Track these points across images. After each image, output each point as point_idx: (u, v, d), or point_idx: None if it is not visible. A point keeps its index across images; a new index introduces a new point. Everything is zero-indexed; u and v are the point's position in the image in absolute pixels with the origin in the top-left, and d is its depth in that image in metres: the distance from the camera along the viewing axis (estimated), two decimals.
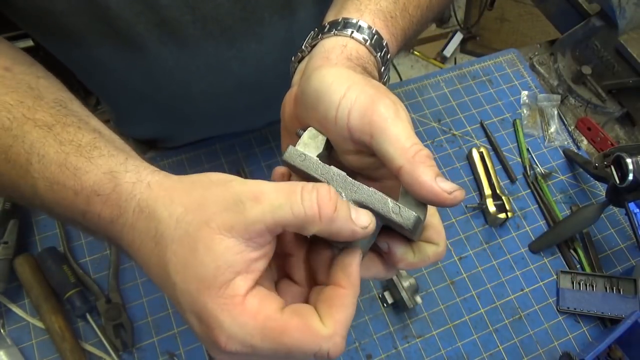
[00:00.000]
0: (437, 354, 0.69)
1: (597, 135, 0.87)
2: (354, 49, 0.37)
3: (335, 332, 0.28)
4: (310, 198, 0.27)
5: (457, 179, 0.81)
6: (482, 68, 0.93)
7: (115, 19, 0.45)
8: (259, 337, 0.27)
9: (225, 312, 0.27)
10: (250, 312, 0.27)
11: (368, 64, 0.37)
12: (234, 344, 0.27)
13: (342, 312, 0.29)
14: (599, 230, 0.80)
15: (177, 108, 0.64)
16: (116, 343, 0.63)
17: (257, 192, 0.27)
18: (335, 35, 0.37)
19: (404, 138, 0.30)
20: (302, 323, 0.27)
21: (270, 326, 0.27)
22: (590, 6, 0.91)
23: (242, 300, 0.27)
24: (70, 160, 0.32)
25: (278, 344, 0.27)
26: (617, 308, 0.72)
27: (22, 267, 0.65)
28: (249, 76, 0.59)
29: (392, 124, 0.31)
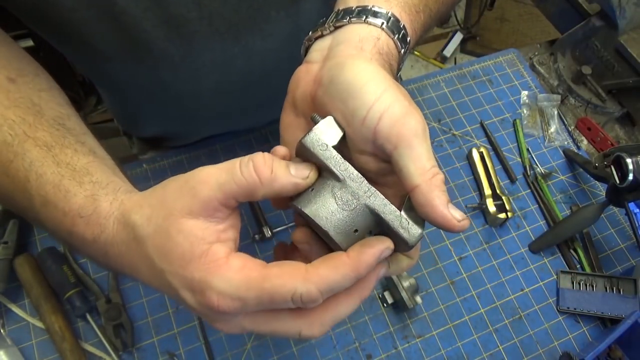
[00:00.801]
0: (437, 354, 0.69)
1: (597, 135, 0.87)
2: (385, 44, 0.37)
3: (312, 280, 0.29)
4: (248, 168, 0.30)
5: (457, 179, 0.81)
6: (482, 68, 0.93)
7: (122, 15, 0.45)
8: (245, 288, 0.29)
9: (211, 273, 0.29)
10: (234, 268, 0.30)
11: (394, 61, 0.38)
12: (225, 300, 0.29)
13: (329, 271, 0.30)
14: (599, 230, 0.80)
15: (182, 105, 0.64)
16: (116, 343, 0.63)
17: (203, 175, 0.31)
18: (367, 23, 0.37)
19: (425, 158, 0.31)
20: (280, 269, 0.30)
21: (252, 276, 0.29)
22: (590, 6, 0.91)
23: (225, 261, 0.30)
24: (64, 183, 0.35)
25: (261, 290, 0.29)
26: (617, 308, 0.72)
27: (22, 267, 0.65)
28: (255, 72, 0.59)
29: (418, 142, 0.32)
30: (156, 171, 0.76)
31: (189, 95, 0.60)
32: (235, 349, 0.66)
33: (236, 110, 0.68)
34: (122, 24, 0.46)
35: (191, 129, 0.74)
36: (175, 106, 0.64)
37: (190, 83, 0.58)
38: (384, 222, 0.31)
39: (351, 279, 0.30)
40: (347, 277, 0.30)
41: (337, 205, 0.31)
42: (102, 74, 0.59)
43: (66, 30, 0.46)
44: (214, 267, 0.30)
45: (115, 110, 0.78)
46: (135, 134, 0.83)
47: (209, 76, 0.57)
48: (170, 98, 0.61)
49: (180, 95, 0.60)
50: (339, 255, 0.30)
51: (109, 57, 0.51)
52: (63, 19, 0.44)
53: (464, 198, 0.80)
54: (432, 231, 0.77)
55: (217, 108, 0.66)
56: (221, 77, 0.58)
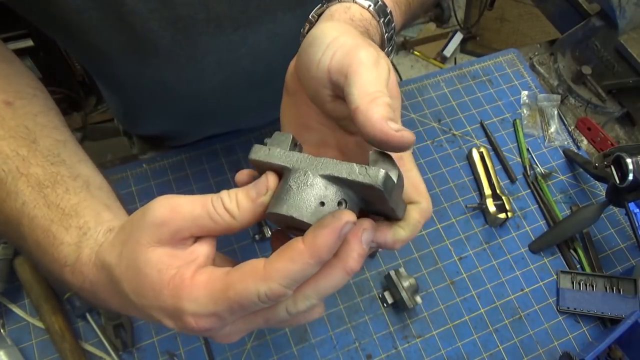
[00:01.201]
0: (437, 354, 0.69)
1: (597, 135, 0.87)
2: (357, 11, 0.38)
3: (271, 277, 0.27)
4: (219, 205, 0.30)
5: (457, 179, 0.81)
6: (482, 68, 0.93)
7: (130, 15, 0.45)
8: (213, 303, 0.28)
9: (180, 297, 0.29)
10: (199, 286, 0.29)
11: (371, 27, 0.38)
12: (201, 320, 0.29)
13: (286, 263, 0.27)
14: (599, 230, 0.80)
15: (186, 105, 0.64)
16: (116, 343, 0.63)
17: (173, 205, 0.30)
18: (339, 1, 0.39)
19: (371, 84, 0.30)
20: (240, 273, 0.28)
21: (216, 289, 0.28)
22: (590, 6, 0.91)
23: (190, 281, 0.29)
24: (52, 229, 0.36)
25: (227, 300, 0.28)
26: (617, 308, 0.72)
27: (22, 267, 0.65)
28: (259, 73, 0.59)
29: (366, 70, 0.31)
30: (156, 171, 0.76)
31: (193, 95, 0.61)
32: (235, 349, 0.66)
33: (239, 110, 0.68)
34: (129, 24, 0.46)
35: (193, 128, 0.74)
36: (179, 106, 0.64)
37: (194, 83, 0.58)
38: (343, 181, 0.29)
39: (312, 265, 0.27)
40: (307, 265, 0.27)
41: (295, 190, 0.30)
42: (106, 73, 0.59)
43: (72, 30, 0.46)
44: (180, 290, 0.29)
45: (117, 109, 0.78)
46: (135, 133, 0.83)
47: (213, 77, 0.57)
48: (174, 98, 0.61)
49: (184, 96, 0.61)
50: (294, 244, 0.28)
51: (114, 57, 0.51)
52: (70, 19, 0.44)
53: (464, 198, 0.80)
54: (432, 231, 0.77)
55: (220, 108, 0.66)
56: (226, 77, 0.58)
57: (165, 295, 0.29)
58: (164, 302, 0.29)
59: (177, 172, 0.76)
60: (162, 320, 0.31)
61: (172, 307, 0.29)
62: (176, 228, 0.30)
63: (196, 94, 0.60)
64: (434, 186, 0.80)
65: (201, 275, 0.29)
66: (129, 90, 0.62)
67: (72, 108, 1.74)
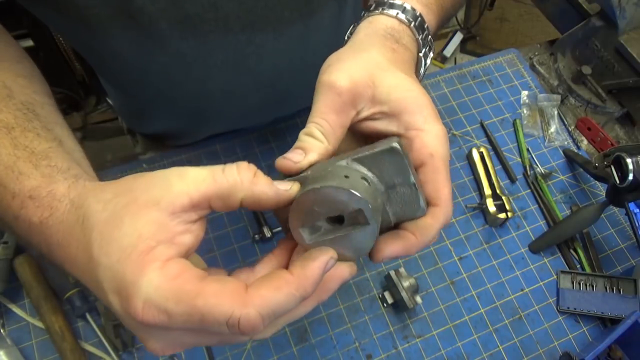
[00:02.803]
0: (437, 354, 0.69)
1: (597, 135, 0.87)
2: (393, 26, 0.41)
3: (252, 303, 0.26)
4: (231, 169, 0.30)
5: (457, 179, 0.81)
6: (482, 68, 0.93)
7: (139, 12, 0.45)
8: (174, 300, 0.26)
9: (143, 275, 0.26)
10: (167, 276, 0.26)
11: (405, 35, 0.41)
12: (150, 310, 0.26)
13: (271, 291, 0.27)
14: (599, 230, 0.80)
15: (192, 104, 0.64)
16: (116, 343, 0.63)
17: (182, 170, 0.29)
18: (383, 14, 0.41)
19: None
20: (219, 287, 0.26)
21: (185, 289, 0.26)
22: (590, 6, 0.90)
23: (161, 265, 0.27)
24: (18, 165, 0.33)
25: (192, 307, 0.25)
26: (617, 308, 0.72)
27: (22, 267, 0.65)
28: (265, 73, 0.59)
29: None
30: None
31: (199, 93, 0.61)
32: (235, 349, 0.66)
33: (244, 110, 0.68)
34: (137, 22, 0.46)
35: (198, 127, 0.74)
36: (185, 104, 0.65)
37: (201, 81, 0.58)
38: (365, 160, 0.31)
39: (296, 298, 0.27)
40: (291, 297, 0.27)
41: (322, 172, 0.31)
42: (112, 70, 0.59)
43: (81, 27, 0.46)
44: (147, 269, 0.26)
45: (122, 107, 0.78)
46: (140, 131, 0.83)
47: (220, 75, 0.57)
48: (180, 96, 0.62)
49: (190, 93, 0.61)
50: (281, 273, 0.28)
51: (122, 54, 0.51)
52: (79, 15, 0.44)
53: (464, 198, 0.80)
54: None
55: (225, 107, 0.66)
56: (232, 76, 0.58)
57: (130, 262, 0.26)
58: (123, 270, 0.26)
59: None
60: (108, 292, 0.27)
61: (128, 279, 0.26)
62: (178, 192, 0.28)
63: (202, 92, 0.60)
64: None
65: (174, 264, 0.27)
66: (135, 88, 0.63)
67: (72, 108, 1.74)
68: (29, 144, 0.34)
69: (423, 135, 0.34)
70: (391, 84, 0.36)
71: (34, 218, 0.32)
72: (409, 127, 0.35)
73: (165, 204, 0.28)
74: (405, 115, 0.35)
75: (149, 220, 0.27)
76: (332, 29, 0.60)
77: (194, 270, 0.27)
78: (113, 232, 0.27)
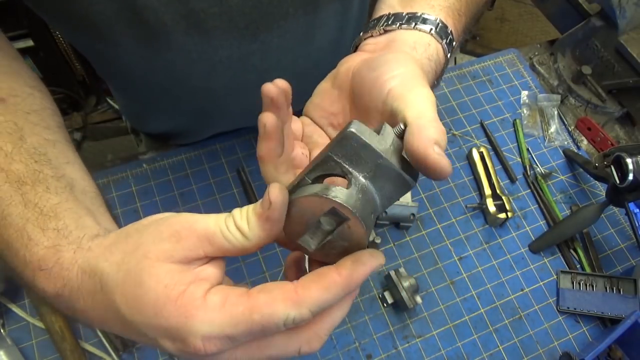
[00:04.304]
0: (437, 354, 0.69)
1: (597, 135, 0.87)
2: (434, 51, 0.39)
3: (303, 303, 0.27)
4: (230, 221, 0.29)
5: (457, 179, 0.81)
6: (482, 68, 0.93)
7: (143, 8, 0.45)
8: (231, 326, 0.27)
9: (190, 317, 0.27)
10: (213, 307, 0.27)
11: (439, 68, 0.40)
12: (212, 343, 0.27)
13: (321, 292, 0.28)
14: (599, 230, 0.80)
15: (196, 102, 0.64)
16: (116, 343, 0.63)
17: (190, 221, 0.29)
18: (417, 30, 0.40)
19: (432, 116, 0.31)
20: (269, 296, 0.27)
21: (238, 312, 0.27)
22: (590, 6, 0.91)
23: (202, 302, 0.27)
24: (27, 229, 0.33)
25: (251, 323, 0.27)
26: (617, 308, 0.72)
27: None
28: (269, 70, 0.59)
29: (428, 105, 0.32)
30: (156, 171, 0.76)
31: (203, 91, 0.61)
32: None
33: (248, 108, 0.68)
34: (142, 17, 0.46)
35: (202, 124, 0.74)
36: (189, 102, 0.64)
37: (205, 79, 0.58)
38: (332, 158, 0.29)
39: (341, 297, 0.29)
40: (338, 296, 0.29)
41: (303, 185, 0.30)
42: (117, 67, 0.59)
43: (85, 23, 0.46)
44: (191, 310, 0.27)
45: (126, 106, 0.78)
46: (143, 130, 0.83)
47: (224, 73, 0.57)
48: (185, 93, 0.62)
49: (194, 91, 0.61)
50: (330, 274, 0.29)
51: (127, 50, 0.51)
52: (83, 10, 0.44)
53: (464, 198, 0.80)
54: (432, 231, 0.77)
55: (230, 104, 0.66)
56: (236, 74, 0.58)
57: (170, 312, 0.27)
58: (166, 321, 0.27)
59: (177, 172, 0.76)
60: (157, 339, 0.28)
61: (175, 326, 0.27)
62: (192, 245, 0.28)
63: (206, 90, 0.60)
64: (434, 186, 0.80)
65: (214, 295, 0.28)
66: (140, 85, 0.62)
67: (72, 108, 1.74)
68: (38, 201, 0.35)
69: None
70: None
71: (49, 289, 0.32)
72: None
73: (179, 258, 0.28)
74: None
75: (168, 270, 0.28)
76: (336, 28, 0.60)
77: (234, 290, 0.28)
78: (136, 290, 0.28)
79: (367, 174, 0.29)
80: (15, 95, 0.41)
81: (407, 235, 0.76)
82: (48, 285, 0.32)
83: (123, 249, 0.30)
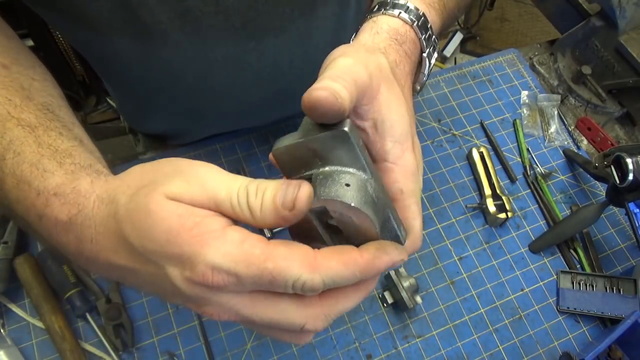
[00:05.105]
0: (437, 354, 0.69)
1: (597, 135, 0.87)
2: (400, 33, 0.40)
3: (319, 271, 0.27)
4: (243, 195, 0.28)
5: (457, 179, 0.81)
6: (482, 68, 0.93)
7: (138, 5, 0.45)
8: (244, 265, 0.26)
9: (205, 244, 0.26)
10: (232, 241, 0.27)
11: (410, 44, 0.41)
12: (219, 274, 0.26)
13: (339, 266, 0.28)
14: (599, 230, 0.80)
15: (192, 101, 0.64)
16: (116, 343, 0.63)
17: (204, 178, 0.28)
18: (384, 14, 0.41)
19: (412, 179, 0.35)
20: (289, 251, 0.27)
21: (254, 253, 0.26)
22: (590, 6, 0.91)
23: (222, 233, 0.27)
24: (42, 162, 0.33)
25: (263, 270, 0.26)
26: (617, 308, 0.72)
27: (22, 267, 0.65)
28: (266, 70, 0.59)
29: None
30: None
31: (199, 90, 0.61)
32: (235, 349, 0.66)
33: (244, 108, 0.68)
34: (137, 14, 0.46)
35: (198, 124, 0.74)
36: (185, 101, 0.64)
37: (201, 77, 0.58)
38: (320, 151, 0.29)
39: (357, 279, 0.29)
40: (354, 276, 0.28)
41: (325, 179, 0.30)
42: (112, 65, 0.59)
43: (80, 20, 0.46)
44: (209, 238, 0.26)
45: (123, 105, 0.78)
46: (140, 129, 0.83)
47: (220, 72, 0.57)
48: (180, 92, 0.62)
49: (190, 90, 0.61)
50: (352, 252, 0.29)
51: (121, 48, 0.51)
52: (79, 8, 0.44)
53: (464, 198, 0.80)
54: (432, 231, 0.77)
55: (225, 104, 0.66)
56: (232, 73, 0.58)
57: (184, 240, 0.26)
58: (179, 247, 0.26)
59: None
60: (164, 267, 0.27)
61: (188, 252, 0.26)
62: (199, 201, 0.28)
63: (202, 89, 0.60)
64: (434, 186, 0.80)
65: (235, 232, 0.27)
66: (135, 83, 0.63)
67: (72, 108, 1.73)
68: (52, 142, 0.34)
69: (396, 170, 0.34)
70: (390, 100, 0.35)
71: (61, 215, 0.31)
72: (385, 157, 0.34)
73: (187, 201, 0.28)
74: (387, 139, 0.34)
75: (177, 205, 0.27)
76: (334, 29, 0.60)
77: (256, 235, 0.28)
78: (145, 220, 0.27)
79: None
80: (20, 65, 0.41)
81: None
82: (61, 212, 0.31)
83: (137, 184, 0.29)
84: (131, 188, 0.30)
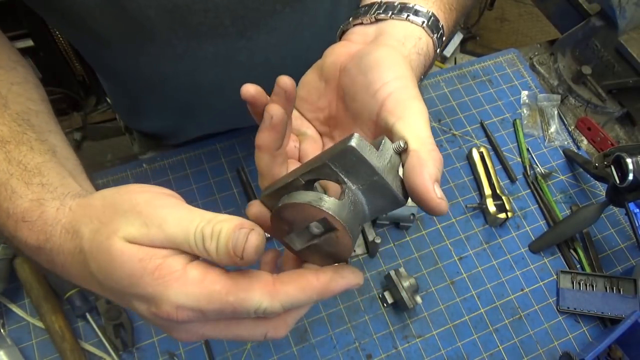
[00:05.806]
0: (437, 354, 0.69)
1: (597, 135, 0.87)
2: (425, 44, 0.39)
3: (278, 297, 0.28)
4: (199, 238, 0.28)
5: (457, 179, 0.81)
6: (482, 68, 0.93)
7: (127, 2, 0.45)
8: (206, 301, 0.28)
9: (167, 286, 0.27)
10: (192, 281, 0.28)
11: (428, 61, 0.39)
12: (185, 313, 0.28)
13: (296, 291, 0.29)
14: (599, 230, 0.80)
15: (182, 99, 0.64)
16: (116, 343, 0.63)
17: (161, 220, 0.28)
18: (409, 21, 0.39)
19: (426, 134, 0.32)
20: (248, 282, 0.28)
21: (215, 289, 0.28)
22: (590, 6, 0.91)
23: (183, 273, 0.28)
24: (11, 183, 0.34)
25: (224, 303, 0.28)
26: (617, 308, 0.72)
27: (22, 267, 0.65)
28: (257, 68, 0.59)
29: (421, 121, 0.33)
30: (156, 171, 0.76)
31: (189, 88, 0.60)
32: (235, 349, 0.66)
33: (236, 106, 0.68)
34: (126, 11, 0.46)
35: (189, 123, 0.74)
36: (175, 99, 0.64)
37: (191, 76, 0.58)
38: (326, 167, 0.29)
39: (314, 301, 0.30)
40: (311, 299, 0.30)
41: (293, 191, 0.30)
42: (103, 62, 0.59)
43: (72, 16, 0.46)
44: (169, 280, 0.27)
45: (117, 102, 0.78)
46: (135, 127, 0.83)
47: (210, 70, 0.57)
48: (171, 90, 0.61)
49: (180, 88, 0.60)
50: (309, 277, 0.30)
51: (111, 45, 0.51)
52: (69, 4, 0.44)
53: (464, 198, 0.80)
54: (432, 231, 0.77)
55: (217, 103, 0.66)
56: (223, 71, 0.58)
57: (147, 283, 0.27)
58: (143, 289, 0.28)
59: (177, 172, 0.76)
60: (132, 302, 0.29)
61: (151, 293, 0.28)
62: (159, 242, 0.28)
63: (193, 87, 0.60)
64: None
65: (194, 269, 0.28)
66: (127, 81, 0.62)
67: (72, 108, 1.74)
68: (22, 159, 0.35)
69: None
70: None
71: (30, 240, 0.33)
72: None
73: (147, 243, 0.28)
74: None
75: (138, 248, 0.28)
76: (325, 26, 0.60)
77: (216, 269, 0.29)
78: (109, 264, 0.28)
79: (361, 185, 0.30)
80: (0, 67, 0.41)
81: (407, 235, 0.76)
82: (30, 237, 0.33)
83: (100, 218, 0.30)
84: (93, 222, 0.30)
